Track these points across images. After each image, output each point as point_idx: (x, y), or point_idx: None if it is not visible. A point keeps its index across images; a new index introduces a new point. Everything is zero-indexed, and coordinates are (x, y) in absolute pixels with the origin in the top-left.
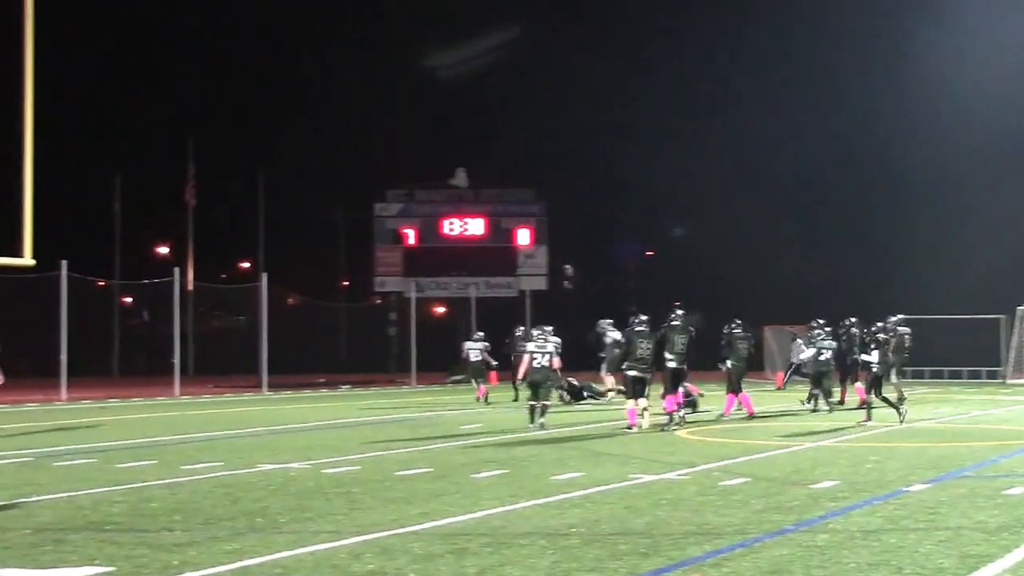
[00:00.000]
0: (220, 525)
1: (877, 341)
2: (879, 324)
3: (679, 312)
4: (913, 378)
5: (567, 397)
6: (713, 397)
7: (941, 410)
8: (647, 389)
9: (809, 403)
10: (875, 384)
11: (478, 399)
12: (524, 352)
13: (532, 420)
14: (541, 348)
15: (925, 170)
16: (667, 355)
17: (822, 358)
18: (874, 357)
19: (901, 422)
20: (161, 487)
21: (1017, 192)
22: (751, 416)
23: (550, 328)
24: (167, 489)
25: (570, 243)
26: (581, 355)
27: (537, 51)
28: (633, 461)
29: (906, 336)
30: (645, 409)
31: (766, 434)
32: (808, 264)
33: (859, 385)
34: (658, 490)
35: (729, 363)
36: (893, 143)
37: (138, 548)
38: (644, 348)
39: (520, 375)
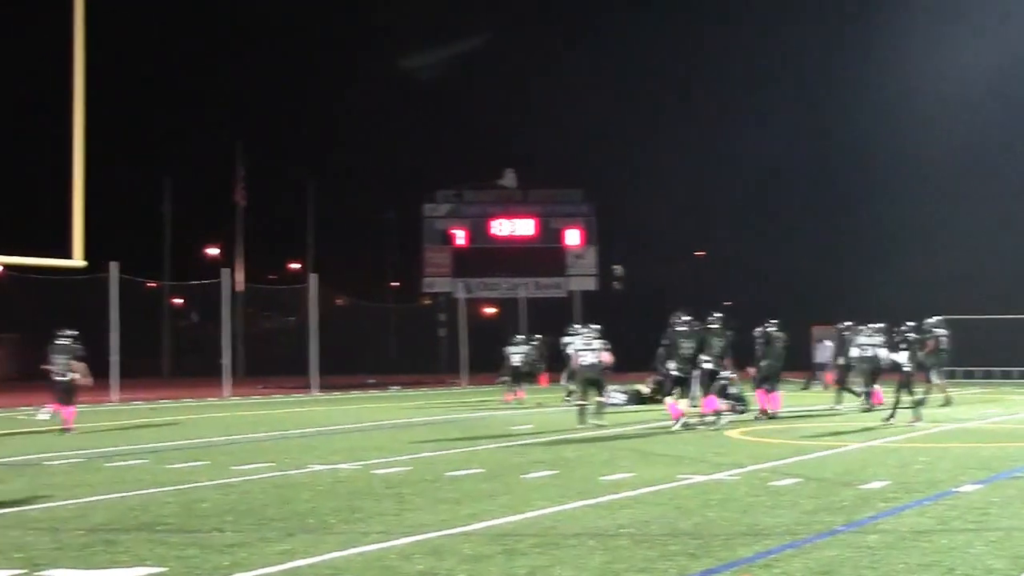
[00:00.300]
0: (271, 526)
1: (907, 341)
2: (909, 324)
3: (717, 315)
4: (964, 378)
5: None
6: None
7: (991, 410)
8: (688, 388)
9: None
10: (905, 384)
11: (506, 402)
12: (569, 351)
13: (581, 421)
14: (587, 345)
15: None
16: (703, 356)
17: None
18: (902, 357)
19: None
20: (212, 488)
21: None
22: (765, 413)
23: (597, 327)
24: (218, 490)
25: (620, 243)
26: (629, 355)
27: (584, 51)
28: (683, 461)
29: (942, 338)
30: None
31: (816, 434)
32: (858, 263)
33: (877, 388)
34: (708, 490)
35: (763, 362)
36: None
37: (189, 549)
38: (686, 348)
39: (567, 373)
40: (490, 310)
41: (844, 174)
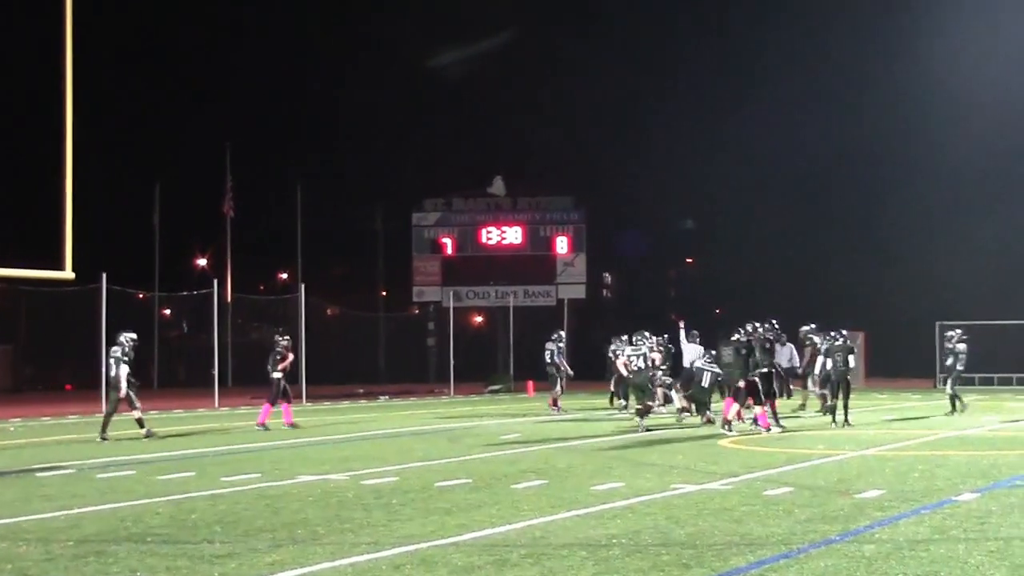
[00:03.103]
0: (260, 536)
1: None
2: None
3: (771, 324)
4: (963, 384)
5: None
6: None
7: (990, 418)
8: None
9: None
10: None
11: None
12: (618, 357)
13: (641, 420)
14: (637, 351)
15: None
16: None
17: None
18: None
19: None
20: (202, 498)
21: None
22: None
23: (646, 334)
24: (208, 501)
25: (610, 251)
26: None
27: (575, 57)
28: (675, 471)
29: (960, 346)
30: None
31: (810, 443)
32: (856, 270)
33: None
34: (700, 500)
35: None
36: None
37: (179, 560)
38: (726, 355)
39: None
40: (479, 319)
41: (838, 183)
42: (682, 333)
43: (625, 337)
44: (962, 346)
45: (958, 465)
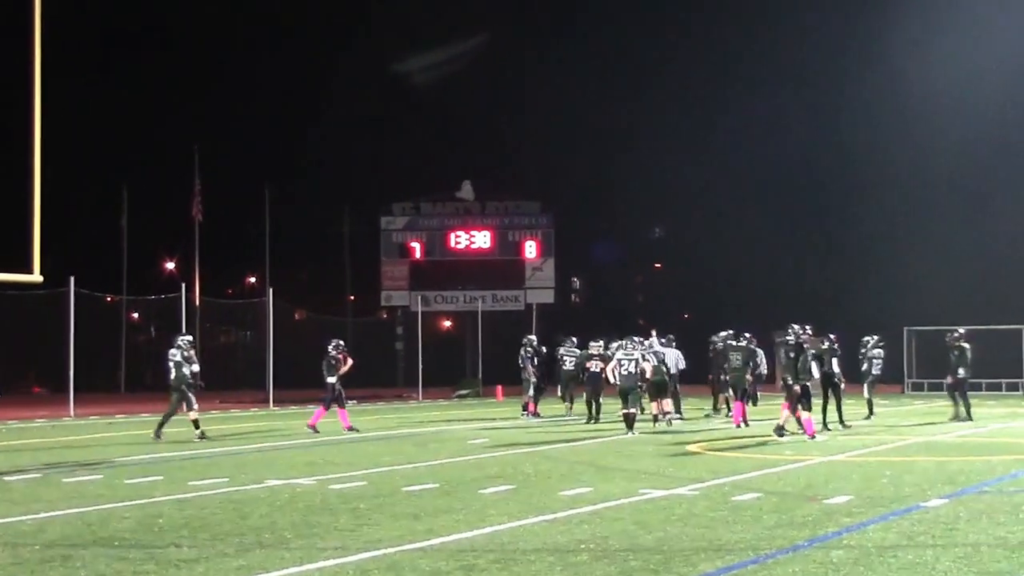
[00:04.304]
0: (227, 541)
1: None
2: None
3: (747, 334)
4: (930, 390)
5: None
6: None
7: (959, 423)
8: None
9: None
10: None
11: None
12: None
13: (629, 428)
14: (628, 355)
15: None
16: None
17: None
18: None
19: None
20: (169, 503)
21: None
22: (736, 426)
23: (639, 339)
24: (175, 505)
25: (578, 256)
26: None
27: (545, 63)
28: (643, 476)
29: (874, 351)
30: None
31: (778, 448)
32: (818, 274)
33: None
34: (668, 505)
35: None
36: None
37: (146, 564)
38: (734, 359)
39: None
40: (448, 323)
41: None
42: (654, 339)
43: (574, 339)
44: (877, 351)
45: (926, 471)
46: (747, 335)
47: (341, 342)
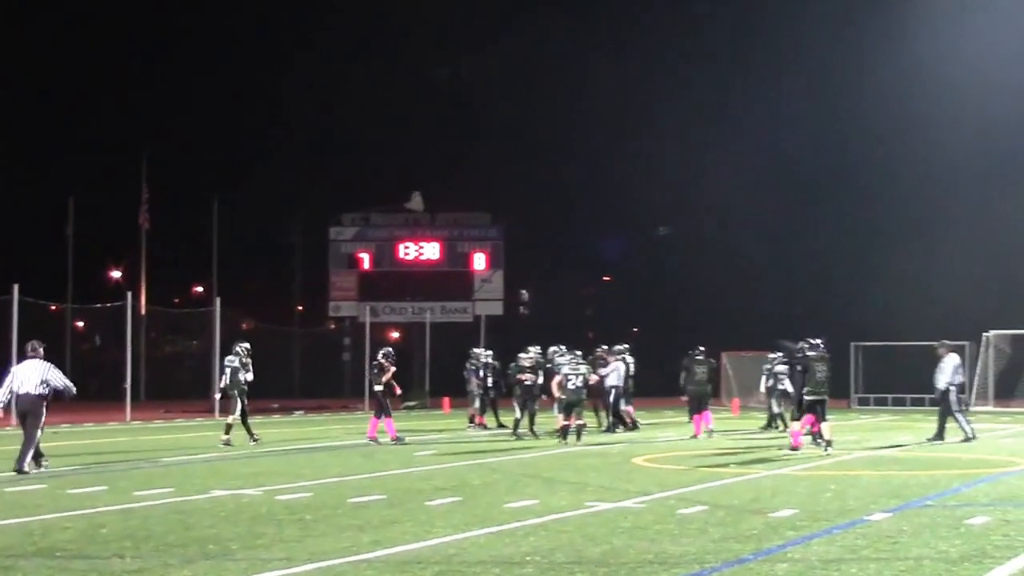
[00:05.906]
0: (172, 552)
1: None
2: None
3: (817, 341)
4: (876, 405)
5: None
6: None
7: (903, 438)
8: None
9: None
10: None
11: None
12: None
13: (563, 437)
14: (576, 370)
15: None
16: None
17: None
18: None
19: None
20: (112, 513)
21: (986, 218)
22: (694, 437)
23: (579, 353)
24: (118, 515)
25: (527, 268)
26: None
27: (494, 73)
28: (589, 488)
29: (779, 367)
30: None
31: (724, 462)
32: (772, 290)
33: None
34: (614, 518)
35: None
36: (859, 168)
37: (89, 575)
38: (821, 372)
39: (555, 395)
40: (396, 335)
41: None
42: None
43: (489, 352)
44: (781, 367)
45: (870, 485)
46: (702, 348)
47: (390, 349)
